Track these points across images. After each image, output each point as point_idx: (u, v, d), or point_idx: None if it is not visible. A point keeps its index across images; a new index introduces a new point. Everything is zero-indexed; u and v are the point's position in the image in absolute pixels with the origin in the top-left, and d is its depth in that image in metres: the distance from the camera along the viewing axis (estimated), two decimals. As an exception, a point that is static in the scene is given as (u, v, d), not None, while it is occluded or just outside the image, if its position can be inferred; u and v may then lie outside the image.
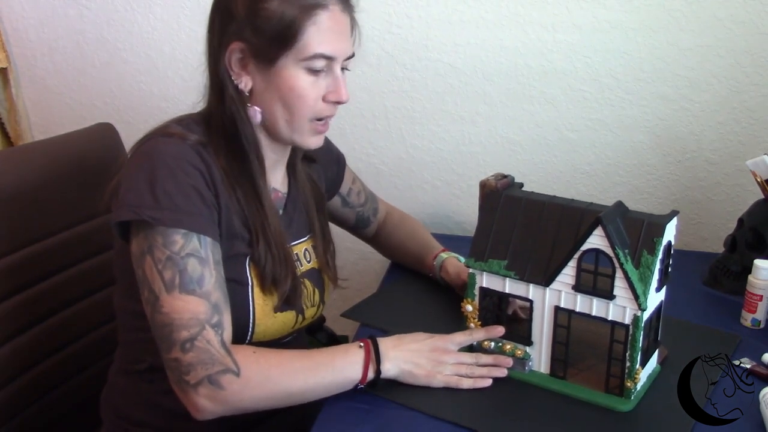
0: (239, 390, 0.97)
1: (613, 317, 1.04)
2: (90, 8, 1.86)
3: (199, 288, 0.98)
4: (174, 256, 0.97)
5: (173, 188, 0.99)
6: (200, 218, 1.00)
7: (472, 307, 1.16)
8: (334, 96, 1.09)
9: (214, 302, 0.99)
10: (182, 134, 1.04)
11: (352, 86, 1.80)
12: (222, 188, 1.05)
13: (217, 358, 0.96)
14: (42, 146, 1.39)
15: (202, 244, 1.00)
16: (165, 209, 0.98)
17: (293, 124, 1.09)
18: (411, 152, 1.86)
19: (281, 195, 1.20)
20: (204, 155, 1.04)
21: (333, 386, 1.04)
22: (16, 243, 1.24)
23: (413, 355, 1.08)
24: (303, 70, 1.05)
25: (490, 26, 1.71)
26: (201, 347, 0.96)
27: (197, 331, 0.96)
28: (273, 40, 1.03)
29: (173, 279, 0.97)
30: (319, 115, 1.10)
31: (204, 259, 0.99)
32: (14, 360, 1.24)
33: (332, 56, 1.06)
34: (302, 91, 1.06)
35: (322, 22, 1.04)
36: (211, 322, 0.97)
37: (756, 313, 1.32)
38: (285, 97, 1.06)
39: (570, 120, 1.76)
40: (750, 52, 1.63)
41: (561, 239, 1.07)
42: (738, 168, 1.71)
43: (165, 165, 1.00)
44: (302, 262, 1.20)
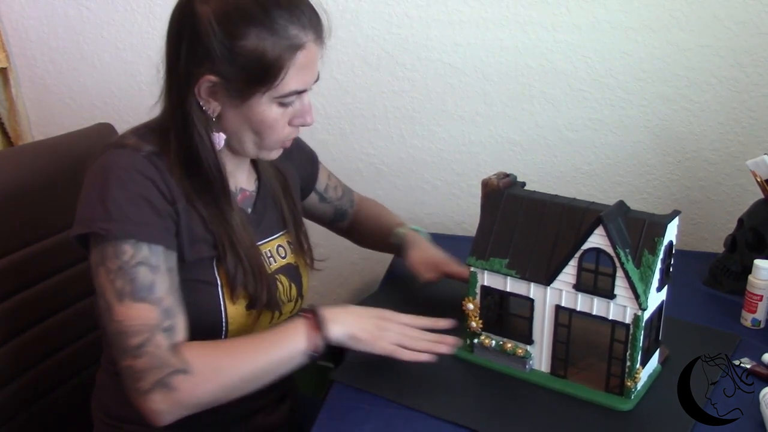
0: (192, 387, 0.97)
1: (614, 317, 1.04)
2: (90, 8, 1.86)
3: (150, 295, 0.98)
4: (124, 265, 0.98)
5: (123, 199, 1.00)
6: (150, 228, 1.01)
7: (473, 306, 1.16)
8: (300, 121, 1.09)
9: (165, 307, 0.99)
10: (136, 145, 1.05)
11: (353, 86, 1.82)
12: (179, 196, 1.06)
13: (166, 360, 0.96)
14: (42, 146, 1.39)
15: (152, 251, 1.00)
16: (115, 220, 0.99)
17: (261, 147, 1.11)
18: (411, 152, 1.86)
19: (249, 194, 1.20)
20: (158, 164, 1.04)
21: (284, 361, 1.03)
22: (15, 243, 1.24)
23: (358, 319, 1.09)
24: (276, 105, 1.06)
25: (490, 26, 1.71)
26: (151, 352, 0.96)
27: (147, 337, 0.97)
28: (249, 78, 1.02)
29: (123, 288, 0.98)
30: (287, 138, 1.11)
31: (155, 266, 1.00)
32: (14, 360, 1.24)
33: (305, 90, 1.07)
34: (273, 122, 1.07)
35: (301, 61, 1.04)
36: (162, 326, 0.98)
37: (756, 313, 1.32)
38: (255, 126, 1.07)
39: (570, 120, 1.76)
40: (750, 52, 1.63)
41: (562, 238, 1.07)
42: (738, 168, 1.71)
43: (116, 177, 1.01)
44: (276, 259, 1.20)
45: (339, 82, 1.82)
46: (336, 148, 1.88)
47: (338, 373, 1.15)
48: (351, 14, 1.76)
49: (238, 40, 1.00)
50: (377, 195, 1.91)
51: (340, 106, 1.84)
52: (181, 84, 1.04)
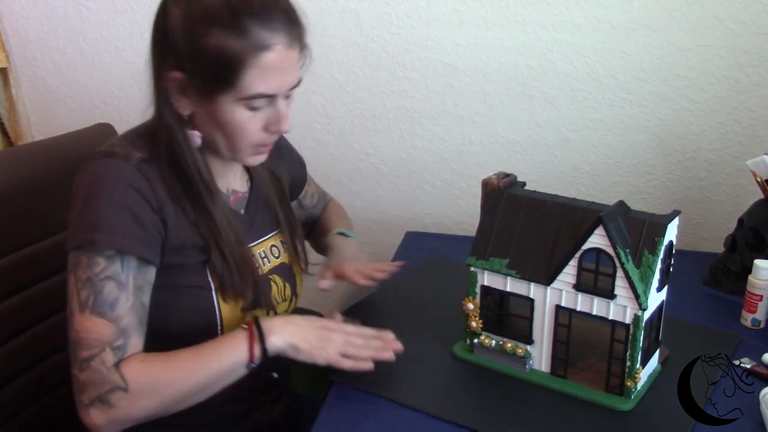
0: (128, 404, 0.97)
1: (614, 317, 1.04)
2: (90, 8, 1.86)
3: (111, 311, 0.99)
4: (93, 277, 0.99)
5: (107, 210, 1.00)
6: (131, 239, 1.00)
7: (473, 306, 1.16)
8: (275, 128, 1.07)
9: (122, 326, 0.99)
10: (125, 153, 1.04)
11: (353, 86, 1.82)
12: (168, 202, 1.05)
13: (107, 377, 0.97)
14: (42, 146, 1.39)
15: (124, 267, 1.00)
16: (97, 230, 0.99)
17: (234, 150, 1.08)
18: (411, 152, 1.86)
19: (241, 195, 1.20)
20: (147, 172, 1.04)
21: (225, 374, 1.02)
22: (16, 243, 1.24)
23: (300, 330, 1.06)
24: (243, 108, 1.03)
25: (490, 26, 1.71)
26: (94, 368, 0.97)
27: (96, 352, 0.97)
28: (212, 77, 1.01)
29: (87, 299, 0.98)
30: (261, 143, 1.08)
31: (123, 283, 1.00)
32: (14, 360, 1.24)
33: (274, 94, 1.04)
34: (241, 125, 1.04)
35: (266, 63, 1.00)
36: (113, 345, 0.98)
37: (756, 313, 1.32)
38: (224, 128, 1.05)
39: (570, 120, 1.76)
40: (750, 52, 1.63)
41: (562, 238, 1.07)
42: (738, 168, 1.71)
43: (101, 187, 1.01)
44: (270, 259, 1.20)
45: (339, 82, 1.82)
46: (336, 148, 1.88)
47: (338, 373, 1.15)
48: (351, 14, 1.76)
49: (201, 37, 0.99)
50: (377, 195, 1.91)
51: (340, 106, 1.84)
52: (155, 83, 1.06)
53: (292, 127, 1.08)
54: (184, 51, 1.01)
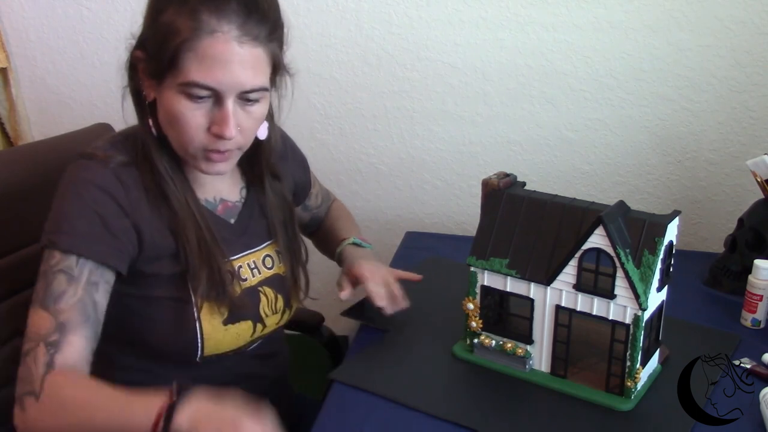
0: (35, 415, 0.93)
1: (614, 317, 1.04)
2: (90, 8, 1.86)
3: (54, 305, 0.96)
4: (48, 270, 0.97)
5: (75, 212, 0.99)
6: (92, 242, 0.98)
7: (473, 306, 1.16)
8: (216, 129, 0.98)
9: (61, 321, 0.95)
10: (104, 156, 1.02)
11: (353, 86, 1.82)
12: (145, 209, 1.03)
13: (32, 378, 0.93)
14: (42, 146, 1.39)
15: (78, 263, 0.97)
16: (62, 232, 0.98)
17: (182, 148, 1.03)
18: (411, 152, 1.86)
19: (231, 204, 1.16)
20: (124, 177, 1.02)
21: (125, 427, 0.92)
22: (16, 243, 1.24)
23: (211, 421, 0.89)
24: (182, 96, 0.97)
25: (490, 26, 1.71)
26: (27, 364, 0.95)
27: (32, 347, 0.95)
28: (159, 55, 0.96)
29: (38, 292, 0.97)
30: (206, 146, 1.01)
31: (74, 277, 0.97)
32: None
33: (213, 87, 0.96)
34: (180, 116, 0.98)
35: (204, 49, 0.94)
36: (48, 340, 0.95)
37: (756, 313, 1.32)
38: (168, 118, 1.00)
39: (570, 120, 1.76)
40: (750, 52, 1.63)
41: (562, 238, 1.07)
42: (738, 168, 1.71)
43: (73, 190, 1.00)
44: (260, 270, 1.16)
45: (339, 82, 1.82)
46: (336, 148, 1.88)
47: (338, 373, 1.15)
48: (351, 14, 1.76)
49: (158, 13, 0.97)
50: (377, 195, 1.91)
51: (340, 106, 1.84)
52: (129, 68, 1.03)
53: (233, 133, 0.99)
54: (145, 28, 1.00)
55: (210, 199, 1.13)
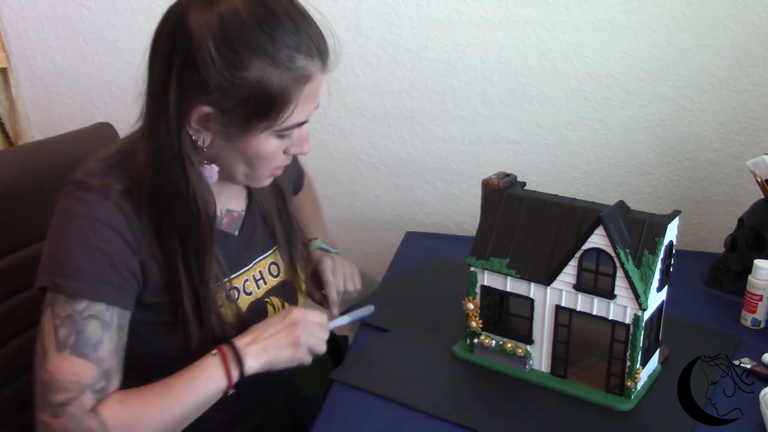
0: None
1: (614, 317, 1.04)
2: (90, 8, 1.86)
3: (94, 353, 0.93)
4: (75, 315, 0.92)
5: (81, 254, 0.94)
6: (106, 287, 0.94)
7: (473, 306, 1.16)
8: (296, 150, 1.05)
9: (105, 368, 0.94)
10: (102, 185, 0.96)
11: (353, 86, 1.82)
12: (146, 240, 0.98)
13: (84, 424, 0.91)
14: (42, 146, 1.39)
15: (108, 308, 0.94)
16: (69, 277, 0.93)
17: (253, 178, 1.05)
18: (411, 152, 1.86)
19: (236, 215, 1.14)
20: (126, 209, 0.96)
21: (202, 403, 0.98)
22: (16, 243, 1.24)
23: (271, 345, 1.02)
24: (274, 137, 0.99)
25: (490, 26, 1.71)
26: (71, 413, 0.91)
27: (74, 396, 0.91)
28: (252, 111, 0.94)
29: (67, 339, 0.92)
30: (279, 166, 1.06)
31: (107, 323, 0.94)
32: (14, 360, 1.24)
33: (307, 121, 1.02)
34: (270, 155, 1.01)
35: (307, 93, 0.97)
36: (95, 387, 0.92)
37: (756, 313, 1.32)
38: (249, 159, 1.00)
39: (570, 120, 1.76)
40: (750, 52, 1.63)
41: (562, 238, 1.07)
42: (738, 168, 1.71)
43: (75, 228, 0.95)
44: (266, 280, 1.16)
45: (339, 82, 1.82)
46: (336, 148, 1.88)
47: (338, 373, 1.16)
48: (351, 14, 1.76)
49: (239, 71, 0.91)
50: (377, 195, 1.91)
51: (340, 106, 1.84)
52: (169, 112, 0.95)
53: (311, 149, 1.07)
54: (219, 86, 0.92)
55: (218, 212, 1.09)
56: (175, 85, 0.94)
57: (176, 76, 0.93)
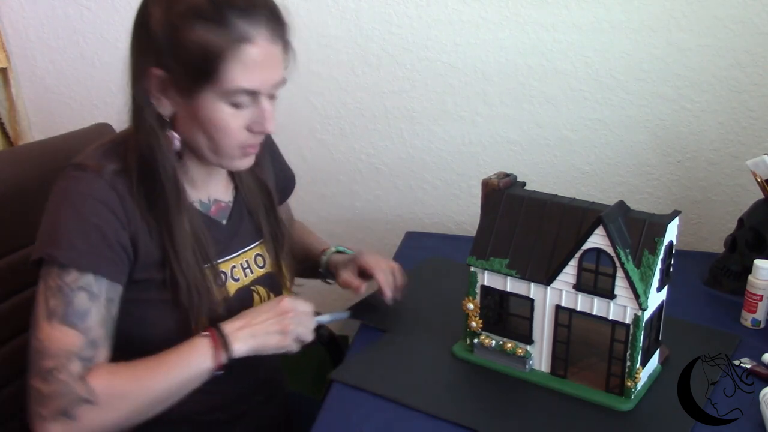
0: (94, 417, 0.96)
1: (614, 317, 1.04)
2: (90, 8, 1.86)
3: (81, 322, 0.97)
4: (64, 286, 0.97)
5: (74, 227, 0.98)
6: (96, 258, 0.99)
7: (473, 306, 1.16)
8: (258, 127, 1.04)
9: (92, 338, 0.98)
10: (97, 166, 1.02)
11: (353, 86, 1.82)
12: (138, 218, 1.03)
13: (73, 389, 0.95)
14: (42, 146, 1.39)
15: (97, 280, 0.99)
16: (62, 248, 0.97)
17: (218, 153, 1.06)
18: (411, 152, 1.86)
19: (224, 205, 1.17)
20: (118, 187, 1.01)
21: (190, 381, 1.02)
22: (16, 243, 1.24)
23: (259, 330, 1.06)
24: (225, 104, 1.01)
25: (490, 26, 1.71)
26: (61, 380, 0.94)
27: (62, 363, 0.95)
28: (193, 72, 0.98)
29: (56, 308, 0.96)
30: (244, 144, 1.05)
31: (95, 294, 0.98)
32: (14, 360, 1.24)
33: (257, 90, 1.01)
34: (223, 123, 1.02)
35: (248, 56, 0.98)
36: (82, 355, 0.96)
37: (756, 313, 1.32)
38: (206, 128, 1.02)
39: (570, 120, 1.76)
40: (750, 52, 1.63)
41: (562, 238, 1.07)
42: (738, 168, 1.71)
43: (70, 203, 1.00)
44: (253, 269, 1.18)
45: (339, 82, 1.82)
46: (336, 148, 1.88)
47: (338, 373, 1.16)
48: (351, 14, 1.76)
49: (183, 31, 0.97)
50: (377, 195, 1.91)
51: (340, 106, 1.84)
52: (135, 82, 1.03)
53: (275, 128, 1.05)
54: (166, 46, 0.99)
55: (204, 200, 1.14)
56: (135, 53, 1.04)
57: (136, 45, 1.04)
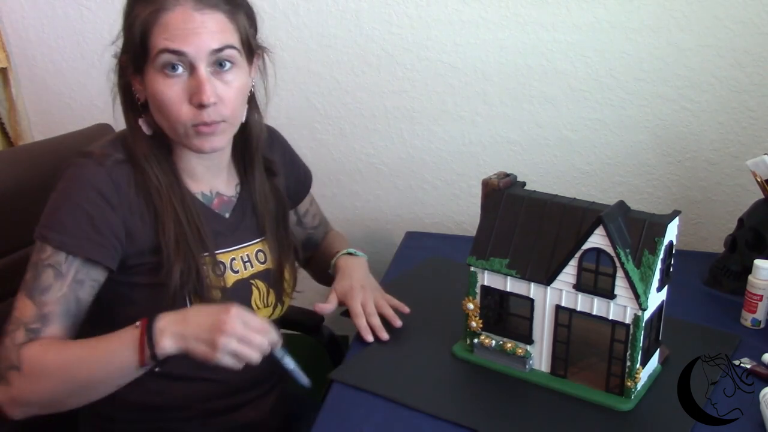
0: (22, 384, 1.00)
1: (614, 317, 1.04)
2: (90, 8, 1.86)
3: (39, 296, 1.02)
4: (39, 262, 1.03)
5: (66, 209, 1.04)
6: (76, 240, 1.03)
7: (473, 306, 1.16)
8: (195, 98, 1.03)
9: (44, 312, 1.02)
10: (101, 154, 1.07)
11: (353, 86, 1.82)
12: (134, 205, 1.07)
13: (8, 355, 1.01)
14: (42, 146, 1.39)
15: (67, 260, 1.03)
16: (50, 228, 1.03)
17: (173, 131, 1.07)
18: (411, 152, 1.86)
19: (227, 199, 1.20)
20: (116, 175, 1.06)
21: (115, 374, 1.01)
22: (16, 243, 1.24)
23: (192, 331, 0.98)
24: (159, 74, 1.03)
25: (490, 26, 1.71)
26: (5, 344, 1.02)
27: (12, 329, 1.02)
28: (135, 48, 1.04)
29: (27, 281, 1.04)
30: (192, 121, 1.05)
31: (61, 273, 1.03)
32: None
33: (180, 51, 1.01)
34: (161, 95, 1.03)
35: (167, 21, 1.02)
36: (29, 326, 1.01)
37: (756, 313, 1.32)
38: (155, 104, 1.06)
39: (570, 120, 1.76)
40: (750, 52, 1.63)
41: (562, 238, 1.07)
42: (738, 168, 1.71)
43: (66, 187, 1.05)
44: (253, 263, 1.20)
45: (339, 82, 1.82)
46: (336, 148, 1.88)
47: (338, 373, 1.15)
48: (351, 14, 1.76)
49: (128, 16, 1.05)
50: (377, 195, 1.91)
51: (340, 106, 1.84)
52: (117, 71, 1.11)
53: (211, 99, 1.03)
54: (125, 32, 1.06)
55: (206, 192, 1.17)
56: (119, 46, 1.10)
57: None
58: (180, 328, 0.99)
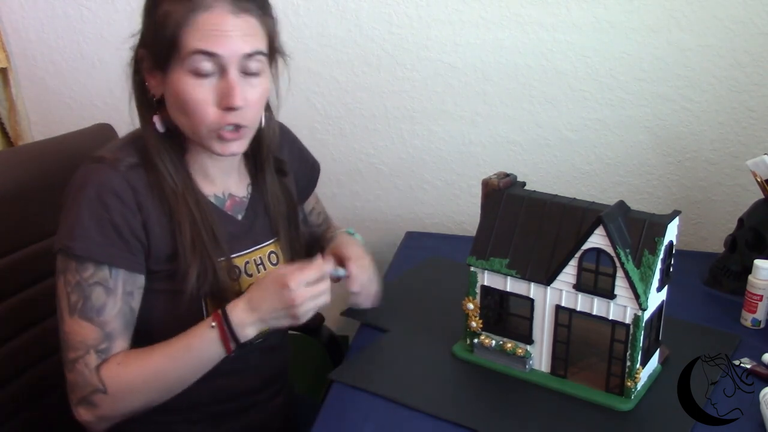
0: (111, 404, 1.02)
1: (614, 317, 1.04)
2: (90, 8, 1.86)
3: (98, 316, 1.02)
4: (82, 282, 1.02)
5: (89, 219, 1.02)
6: (111, 249, 1.02)
7: (473, 306, 1.16)
8: (224, 102, 1.02)
9: (108, 331, 1.03)
10: (114, 159, 1.05)
11: (353, 86, 1.82)
12: (152, 208, 1.06)
13: (88, 380, 1.01)
14: (42, 146, 1.39)
15: (112, 274, 1.03)
16: (77, 240, 1.01)
17: (194, 132, 1.06)
18: (411, 152, 1.86)
19: (239, 200, 1.19)
20: (133, 180, 1.05)
21: (200, 368, 1.06)
22: (15, 243, 1.24)
23: (270, 314, 1.04)
24: (188, 74, 1.01)
25: (490, 26, 1.71)
26: (79, 370, 1.02)
27: (81, 355, 1.02)
28: (161, 45, 1.02)
29: (76, 303, 1.02)
30: (218, 124, 1.04)
31: (111, 289, 1.03)
32: (16, 359, 1.24)
33: (214, 53, 1.00)
34: (188, 96, 1.02)
35: (204, 22, 1.00)
36: (98, 348, 1.02)
37: (756, 313, 1.32)
38: (178, 104, 1.04)
39: (570, 120, 1.76)
40: (750, 52, 1.63)
41: (562, 238, 1.07)
42: (738, 168, 1.71)
43: (85, 195, 1.02)
44: (266, 266, 1.19)
45: (339, 82, 1.82)
46: (336, 148, 1.88)
47: (338, 373, 1.15)
48: (351, 14, 1.76)
49: (154, 9, 1.03)
50: (377, 195, 1.91)
51: (340, 106, 1.84)
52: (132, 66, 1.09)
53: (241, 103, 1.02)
54: (146, 25, 1.05)
55: (219, 194, 1.16)
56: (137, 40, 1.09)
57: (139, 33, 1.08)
58: (256, 317, 1.04)
